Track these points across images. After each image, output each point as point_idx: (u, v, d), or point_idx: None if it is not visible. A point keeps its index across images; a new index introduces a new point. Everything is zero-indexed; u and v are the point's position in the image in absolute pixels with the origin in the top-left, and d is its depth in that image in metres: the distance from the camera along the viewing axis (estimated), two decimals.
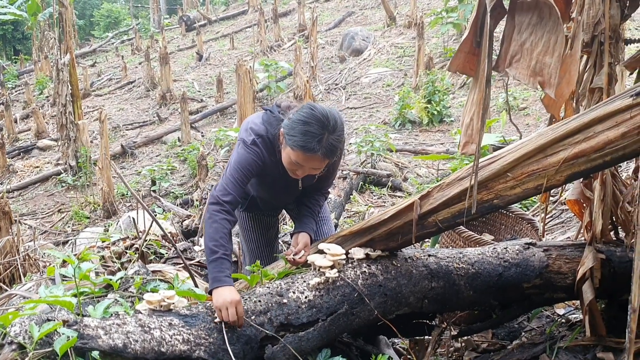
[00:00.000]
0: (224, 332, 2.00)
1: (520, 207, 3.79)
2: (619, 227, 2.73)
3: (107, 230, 5.78)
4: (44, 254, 5.57)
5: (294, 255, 2.46)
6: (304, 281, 2.27)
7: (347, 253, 2.41)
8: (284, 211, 3.15)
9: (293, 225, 2.86)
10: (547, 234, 4.02)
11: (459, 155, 5.93)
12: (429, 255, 2.55)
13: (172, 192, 9.52)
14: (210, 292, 2.15)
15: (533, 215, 4.20)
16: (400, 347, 2.98)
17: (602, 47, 2.43)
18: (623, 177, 2.76)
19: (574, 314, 3.02)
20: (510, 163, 2.13)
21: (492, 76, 1.57)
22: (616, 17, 2.42)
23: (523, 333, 3.01)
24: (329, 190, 2.84)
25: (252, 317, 2.07)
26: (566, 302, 3.05)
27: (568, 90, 1.69)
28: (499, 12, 1.53)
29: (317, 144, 2.21)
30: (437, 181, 7.10)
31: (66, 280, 2.70)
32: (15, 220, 5.29)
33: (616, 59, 2.47)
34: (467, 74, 1.70)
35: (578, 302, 2.94)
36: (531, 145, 2.11)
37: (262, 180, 2.61)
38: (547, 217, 3.60)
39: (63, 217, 9.22)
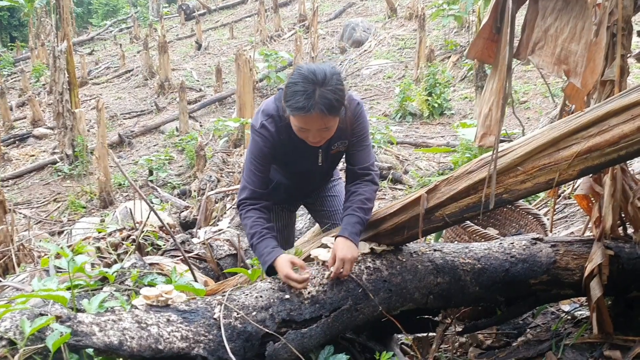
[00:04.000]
0: (222, 329, 1.94)
1: (524, 201, 3.73)
2: (628, 223, 2.67)
3: (104, 221, 5.71)
4: (39, 243, 5.50)
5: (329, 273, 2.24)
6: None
7: None
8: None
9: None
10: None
11: (476, 147, 5.87)
12: (435, 250, 2.49)
13: (170, 183, 9.44)
14: (269, 274, 2.25)
15: (537, 209, 4.15)
16: (403, 343, 2.92)
17: (615, 39, 2.37)
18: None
19: (579, 310, 2.96)
20: (521, 157, 2.06)
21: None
22: (629, 8, 2.35)
23: (528, 329, 2.95)
24: (372, 168, 2.47)
25: (254, 313, 2.00)
26: (571, 299, 3.00)
27: (592, 79, 1.62)
28: None
29: (308, 101, 2.08)
30: (439, 174, 7.07)
31: (60, 272, 2.64)
32: (10, 210, 5.22)
33: (628, 51, 2.40)
34: (486, 61, 1.63)
35: (583, 298, 2.90)
36: (543, 138, 2.04)
37: (279, 162, 2.53)
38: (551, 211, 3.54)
39: (59, 207, 9.13)
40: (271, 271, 2.23)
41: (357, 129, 2.39)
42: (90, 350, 1.64)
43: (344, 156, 2.56)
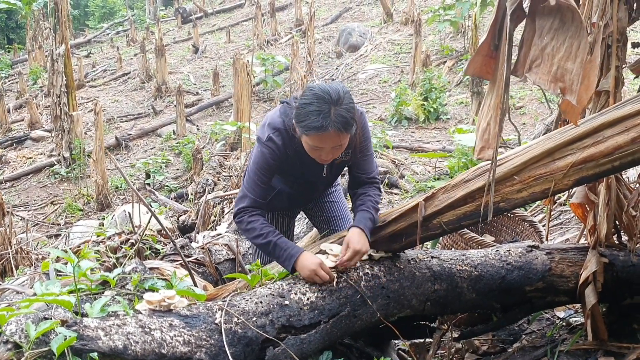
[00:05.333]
0: (223, 334, 1.97)
1: (520, 208, 3.77)
2: (622, 232, 2.72)
3: (102, 224, 5.73)
4: (37, 246, 5.51)
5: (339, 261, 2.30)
6: (306, 282, 2.24)
7: None
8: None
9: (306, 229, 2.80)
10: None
11: (475, 159, 5.90)
12: (432, 257, 2.53)
13: (167, 186, 9.46)
14: (293, 272, 2.30)
15: (532, 216, 4.19)
16: (400, 349, 2.95)
17: (610, 50, 2.41)
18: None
19: (574, 317, 3.00)
20: (518, 166, 2.11)
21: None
22: (624, 20, 2.40)
23: (523, 336, 2.99)
24: (377, 177, 2.58)
25: (254, 319, 2.04)
26: (566, 305, 3.03)
27: (587, 96, 1.67)
28: (518, 15, 1.50)
29: (325, 120, 2.14)
30: (435, 179, 7.12)
31: (61, 276, 2.66)
32: (8, 212, 5.23)
33: (623, 62, 2.45)
34: (484, 77, 1.67)
35: (578, 305, 2.94)
36: (539, 148, 2.09)
37: (285, 174, 2.57)
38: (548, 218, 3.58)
39: (56, 209, 9.14)
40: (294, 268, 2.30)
41: (361, 137, 2.46)
42: (94, 355, 1.67)
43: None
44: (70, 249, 3.56)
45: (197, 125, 12.66)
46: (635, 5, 2.44)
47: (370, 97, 12.65)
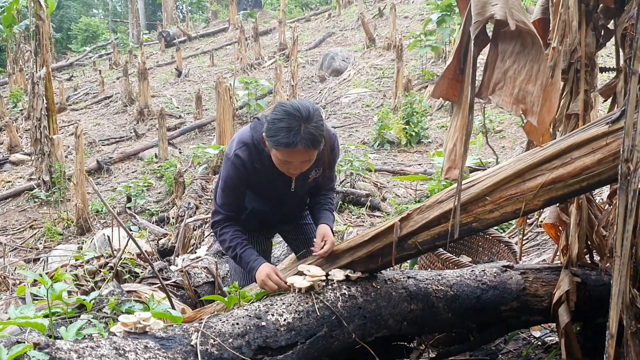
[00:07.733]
0: (199, 355, 1.97)
1: (497, 229, 3.82)
2: (594, 251, 2.77)
3: (81, 248, 5.68)
4: (14, 271, 5.44)
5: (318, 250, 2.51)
6: (283, 303, 2.25)
7: (327, 275, 2.40)
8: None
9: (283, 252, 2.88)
10: (522, 256, 4.05)
11: (442, 179, 5.99)
12: (409, 277, 2.55)
13: (148, 209, 9.39)
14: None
15: (509, 238, 4.25)
16: None
17: (578, 75, 2.50)
18: (598, 202, 2.80)
19: (549, 336, 3.04)
20: (489, 187, 2.15)
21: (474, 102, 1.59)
22: (592, 46, 2.49)
23: (500, 355, 3.01)
24: (334, 186, 2.87)
25: (230, 340, 2.04)
26: (542, 325, 3.07)
27: (549, 117, 1.72)
28: (482, 40, 1.56)
29: (295, 137, 2.23)
30: (416, 202, 7.17)
31: (37, 300, 2.64)
32: None
33: (591, 86, 2.53)
34: (450, 100, 1.73)
35: (553, 324, 2.97)
36: (510, 169, 2.14)
37: (253, 188, 2.64)
38: (523, 239, 3.63)
39: (35, 234, 9.01)
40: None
41: (329, 157, 2.58)
42: None
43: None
44: (47, 273, 3.54)
45: (180, 149, 12.64)
46: (602, 31, 2.54)
47: (353, 121, 12.76)
